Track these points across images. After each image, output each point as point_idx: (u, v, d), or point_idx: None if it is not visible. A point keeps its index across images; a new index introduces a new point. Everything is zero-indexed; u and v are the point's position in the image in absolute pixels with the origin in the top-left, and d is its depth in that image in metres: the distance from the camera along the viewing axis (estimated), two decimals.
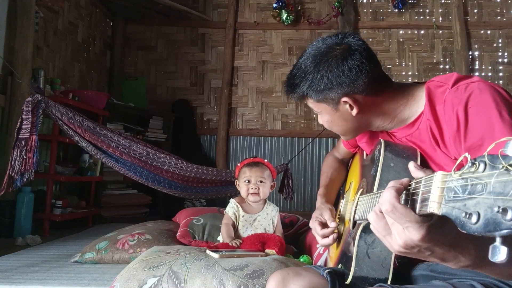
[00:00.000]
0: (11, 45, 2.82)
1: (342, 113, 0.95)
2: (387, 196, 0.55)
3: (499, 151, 0.40)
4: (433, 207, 0.48)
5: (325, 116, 0.98)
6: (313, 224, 1.07)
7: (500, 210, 0.39)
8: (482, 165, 0.42)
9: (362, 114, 0.94)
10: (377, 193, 0.74)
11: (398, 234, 0.56)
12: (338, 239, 1.06)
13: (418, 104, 0.92)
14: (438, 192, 0.48)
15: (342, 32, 0.96)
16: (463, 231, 0.43)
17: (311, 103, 0.98)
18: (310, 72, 0.92)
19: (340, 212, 1.17)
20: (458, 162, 0.47)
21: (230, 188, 2.93)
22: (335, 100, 0.92)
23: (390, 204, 0.54)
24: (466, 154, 0.46)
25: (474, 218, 0.41)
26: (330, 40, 0.93)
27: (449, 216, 0.45)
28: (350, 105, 0.92)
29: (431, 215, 0.52)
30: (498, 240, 0.40)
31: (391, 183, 0.58)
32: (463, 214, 0.43)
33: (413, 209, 0.53)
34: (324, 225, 1.06)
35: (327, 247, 1.10)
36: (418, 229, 0.53)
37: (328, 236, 1.03)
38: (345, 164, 1.34)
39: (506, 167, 0.39)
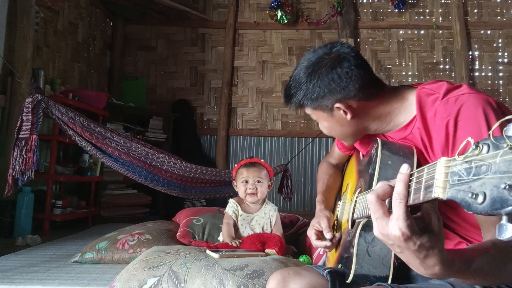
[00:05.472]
0: (11, 45, 2.82)
1: (338, 118, 0.98)
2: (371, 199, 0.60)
3: (503, 130, 0.41)
4: (438, 192, 0.48)
5: (323, 122, 1.04)
6: (310, 232, 1.12)
7: (507, 187, 0.39)
8: (485, 147, 0.43)
9: (357, 118, 0.98)
10: None
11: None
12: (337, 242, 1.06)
13: (411, 108, 0.94)
14: (442, 177, 0.48)
15: (332, 42, 1.01)
16: (470, 212, 0.43)
17: (308, 111, 1.03)
18: (303, 82, 0.98)
19: (337, 216, 1.17)
20: (461, 147, 0.48)
21: (229, 188, 2.93)
22: (329, 107, 0.97)
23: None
24: (469, 138, 0.47)
25: (480, 198, 0.42)
26: (320, 51, 0.99)
27: (455, 199, 0.46)
28: (343, 111, 0.96)
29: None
30: (504, 218, 0.41)
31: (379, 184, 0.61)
32: (469, 195, 0.43)
33: (417, 199, 0.54)
34: (320, 233, 1.10)
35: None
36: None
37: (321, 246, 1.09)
38: (340, 169, 1.36)
39: (511, 146, 0.40)
